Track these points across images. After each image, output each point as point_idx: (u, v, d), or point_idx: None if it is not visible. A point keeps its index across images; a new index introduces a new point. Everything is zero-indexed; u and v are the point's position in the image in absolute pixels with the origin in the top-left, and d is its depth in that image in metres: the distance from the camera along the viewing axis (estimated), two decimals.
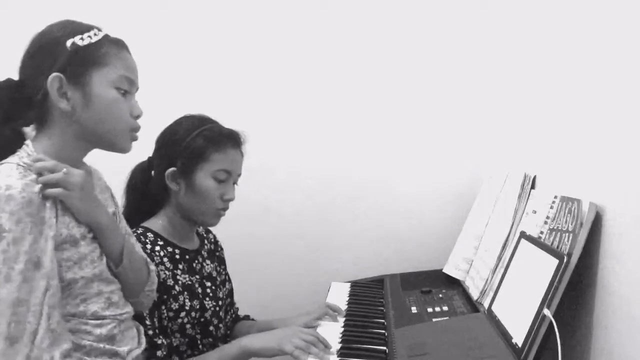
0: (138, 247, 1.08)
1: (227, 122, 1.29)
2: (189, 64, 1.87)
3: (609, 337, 0.95)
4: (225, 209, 1.25)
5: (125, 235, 1.00)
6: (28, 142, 0.90)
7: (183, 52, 1.86)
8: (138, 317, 1.06)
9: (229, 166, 1.23)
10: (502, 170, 1.57)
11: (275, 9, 1.87)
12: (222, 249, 1.44)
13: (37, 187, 0.82)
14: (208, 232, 1.42)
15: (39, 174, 0.84)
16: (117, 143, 0.95)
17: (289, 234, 1.95)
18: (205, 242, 1.37)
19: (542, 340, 0.96)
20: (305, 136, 1.92)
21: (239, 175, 1.28)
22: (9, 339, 0.77)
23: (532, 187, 1.37)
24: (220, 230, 1.41)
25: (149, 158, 1.27)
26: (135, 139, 0.96)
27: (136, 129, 0.96)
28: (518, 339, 1.01)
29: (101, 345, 0.89)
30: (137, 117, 0.96)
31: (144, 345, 1.00)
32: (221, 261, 1.42)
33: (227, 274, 1.43)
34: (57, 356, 0.80)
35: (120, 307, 0.95)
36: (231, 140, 1.24)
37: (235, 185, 1.28)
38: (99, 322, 0.90)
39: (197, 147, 1.20)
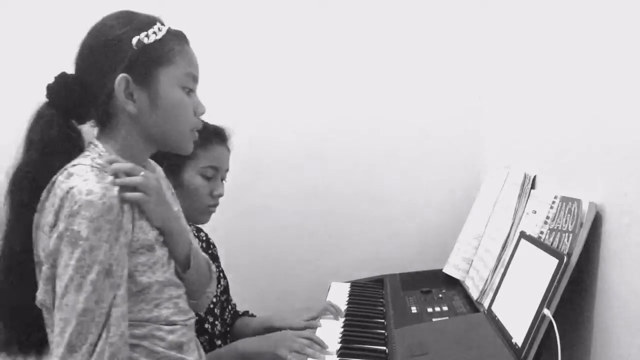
0: (197, 245, 1.04)
1: (228, 121, 1.29)
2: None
3: (609, 337, 0.95)
4: (215, 205, 1.25)
5: (190, 238, 0.98)
6: (97, 142, 0.87)
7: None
8: None
9: (216, 162, 1.23)
10: (502, 170, 1.57)
11: (275, 8, 1.87)
12: (214, 246, 1.44)
13: (116, 191, 0.80)
14: (199, 230, 1.42)
15: (115, 175, 0.82)
16: (182, 144, 0.92)
17: (289, 233, 1.94)
18: (197, 241, 1.36)
19: (542, 340, 0.96)
20: (305, 136, 1.92)
21: (227, 170, 1.28)
22: (70, 347, 0.76)
23: (532, 187, 1.36)
24: (220, 230, 1.41)
25: None
26: (196, 138, 0.94)
27: (198, 126, 0.94)
28: (518, 339, 1.01)
29: (172, 353, 0.87)
30: (201, 114, 0.94)
31: (204, 357, 0.98)
32: (214, 259, 1.42)
33: (221, 271, 1.43)
34: None
35: (186, 312, 0.93)
36: (216, 136, 1.24)
37: (224, 181, 1.28)
38: (171, 327, 0.88)
39: None
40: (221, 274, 1.43)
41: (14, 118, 0.86)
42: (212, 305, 1.28)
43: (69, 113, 0.86)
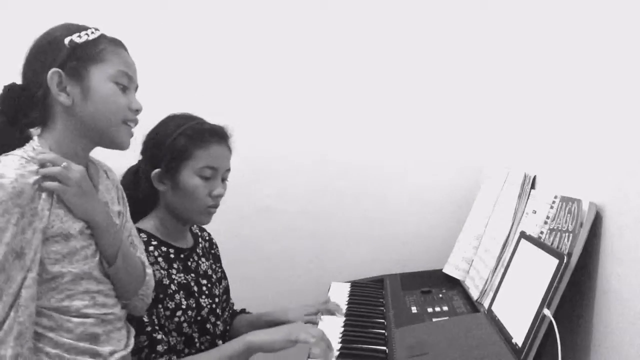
0: (141, 249, 1.08)
1: (228, 121, 1.28)
2: (189, 64, 1.87)
3: (609, 337, 0.95)
4: (215, 206, 1.23)
5: (123, 237, 1.01)
6: (35, 137, 0.91)
7: (182, 52, 1.86)
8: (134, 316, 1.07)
9: (214, 162, 1.21)
10: (502, 170, 1.57)
11: (275, 6, 1.87)
12: (217, 246, 1.44)
13: (33, 179, 0.83)
14: (202, 230, 1.42)
15: (42, 165, 0.86)
16: (115, 137, 0.95)
17: (289, 233, 1.94)
18: (200, 240, 1.37)
19: (542, 340, 0.96)
20: (305, 136, 1.92)
21: (228, 170, 1.26)
22: None
23: (532, 187, 1.37)
24: (220, 230, 1.41)
25: (139, 161, 1.27)
26: (131, 134, 0.98)
27: (132, 120, 0.97)
28: (518, 339, 1.01)
29: (81, 344, 0.90)
30: (137, 111, 0.97)
31: (130, 347, 1.00)
32: (216, 259, 1.42)
33: (222, 271, 1.43)
34: (10, 353, 0.80)
35: (106, 306, 0.95)
36: (214, 135, 1.22)
37: (226, 181, 1.27)
38: (81, 320, 0.90)
39: (179, 146, 1.19)
40: (222, 274, 1.43)
41: None
42: (214, 306, 1.28)
43: (15, 119, 0.91)
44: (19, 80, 0.92)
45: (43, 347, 0.86)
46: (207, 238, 1.41)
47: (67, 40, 0.90)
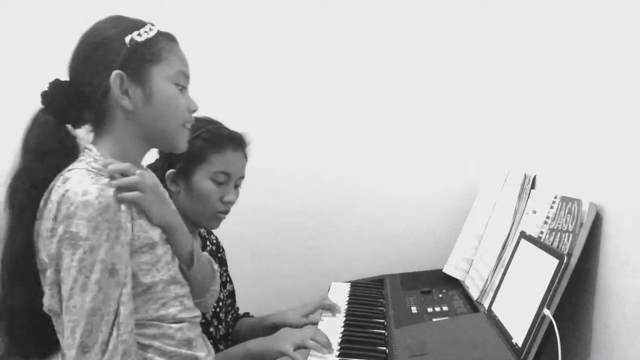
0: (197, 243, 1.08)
1: (228, 122, 1.28)
2: (194, 64, 1.87)
3: (609, 337, 0.95)
4: (225, 212, 1.24)
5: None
6: (91, 146, 0.88)
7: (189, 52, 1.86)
8: None
9: (228, 168, 1.21)
10: (502, 170, 1.57)
11: (278, 10, 1.87)
12: (223, 250, 1.44)
13: (112, 191, 0.80)
14: (210, 233, 1.42)
15: (112, 177, 0.83)
16: (175, 140, 0.93)
17: (289, 234, 1.94)
18: (207, 243, 1.36)
19: (542, 340, 0.96)
20: (305, 137, 1.92)
21: (242, 177, 1.26)
22: (82, 348, 0.76)
23: (532, 187, 1.37)
24: (221, 230, 1.41)
25: (156, 159, 1.27)
26: (189, 136, 0.95)
27: (190, 122, 0.94)
28: (518, 339, 1.01)
29: (183, 350, 0.88)
30: (194, 111, 0.95)
31: (213, 353, 0.99)
32: (222, 263, 1.42)
33: (228, 275, 1.43)
34: None
35: (192, 310, 0.93)
36: (231, 141, 1.23)
37: (239, 188, 1.27)
38: (178, 325, 0.88)
39: (196, 148, 1.19)
40: (228, 278, 1.42)
41: (14, 122, 0.87)
42: (217, 309, 1.28)
43: (64, 118, 0.87)
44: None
45: (152, 358, 0.85)
46: (214, 241, 1.41)
47: (127, 39, 0.86)
